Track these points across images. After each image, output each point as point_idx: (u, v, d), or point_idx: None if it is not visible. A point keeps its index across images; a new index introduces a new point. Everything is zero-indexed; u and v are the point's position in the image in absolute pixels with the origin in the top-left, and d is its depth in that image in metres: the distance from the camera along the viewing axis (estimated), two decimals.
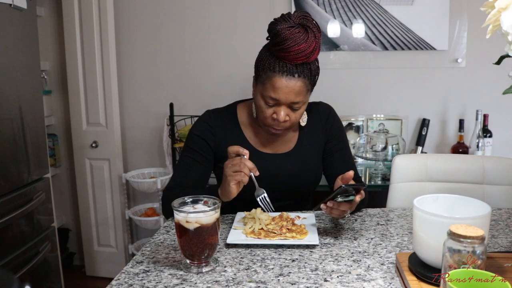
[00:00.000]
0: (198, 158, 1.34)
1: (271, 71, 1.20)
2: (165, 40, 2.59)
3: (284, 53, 1.17)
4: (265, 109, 1.24)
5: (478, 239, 0.71)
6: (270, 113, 1.24)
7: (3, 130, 1.70)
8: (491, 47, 1.92)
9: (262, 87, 1.23)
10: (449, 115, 2.47)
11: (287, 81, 1.19)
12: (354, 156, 2.35)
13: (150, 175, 2.64)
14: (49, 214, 2.01)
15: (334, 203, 1.10)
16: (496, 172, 1.49)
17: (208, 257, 0.98)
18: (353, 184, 1.09)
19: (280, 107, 1.23)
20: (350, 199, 1.10)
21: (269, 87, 1.21)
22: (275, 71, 1.19)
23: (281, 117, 1.22)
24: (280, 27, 1.16)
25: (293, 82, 1.19)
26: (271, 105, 1.23)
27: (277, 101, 1.21)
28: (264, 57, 1.23)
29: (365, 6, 2.40)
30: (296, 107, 1.24)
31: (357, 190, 1.10)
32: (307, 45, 1.16)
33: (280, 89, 1.19)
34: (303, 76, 1.20)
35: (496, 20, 0.81)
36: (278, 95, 1.20)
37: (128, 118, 2.70)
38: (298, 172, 1.37)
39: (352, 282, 0.90)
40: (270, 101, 1.22)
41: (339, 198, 1.09)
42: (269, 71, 1.20)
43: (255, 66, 1.28)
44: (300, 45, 1.15)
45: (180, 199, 1.01)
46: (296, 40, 1.15)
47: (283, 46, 1.16)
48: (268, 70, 1.21)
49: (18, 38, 1.80)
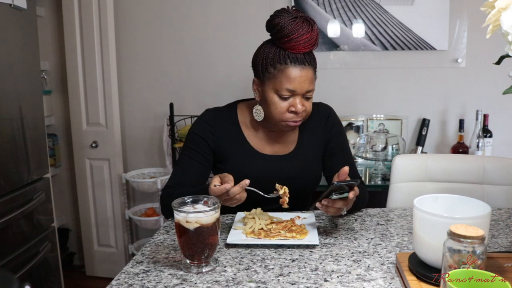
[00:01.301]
0: (197, 157, 1.34)
1: (282, 64, 1.22)
2: (165, 40, 2.59)
3: (293, 43, 1.20)
4: (280, 104, 1.25)
5: (478, 239, 0.71)
6: (286, 107, 1.25)
7: (3, 130, 1.70)
8: (491, 47, 1.92)
9: (274, 82, 1.24)
10: (449, 115, 2.47)
11: (301, 70, 1.22)
12: (354, 156, 2.35)
13: (150, 175, 2.64)
14: (49, 214, 2.01)
15: (329, 200, 1.10)
16: (496, 172, 1.49)
17: (208, 257, 0.98)
18: (345, 181, 1.09)
19: (296, 98, 1.24)
20: (345, 196, 1.09)
21: (283, 80, 1.22)
22: (287, 62, 1.21)
23: (299, 108, 1.24)
24: (284, 20, 1.19)
25: (306, 71, 1.22)
26: (287, 97, 1.24)
27: (293, 92, 1.23)
28: (269, 53, 1.24)
29: (365, 6, 2.40)
30: (309, 95, 1.26)
31: (350, 187, 1.09)
32: (313, 34, 1.21)
33: (296, 79, 1.21)
34: (312, 64, 1.25)
35: (496, 20, 0.81)
36: (294, 86, 1.22)
37: (128, 118, 2.70)
38: (297, 174, 1.36)
39: (352, 282, 0.90)
40: (286, 93, 1.23)
41: (333, 195, 1.09)
42: (279, 64, 1.22)
43: (258, 65, 1.27)
44: (307, 34, 1.20)
45: (180, 199, 1.00)
46: (303, 30, 1.19)
47: (292, 36, 1.19)
48: (278, 64, 1.22)
49: (18, 38, 1.80)
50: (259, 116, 1.32)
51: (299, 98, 1.24)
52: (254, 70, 1.31)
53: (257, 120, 1.33)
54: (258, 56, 1.28)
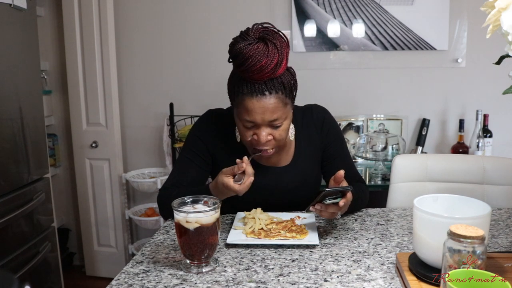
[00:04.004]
0: (196, 159, 1.33)
1: (240, 93, 1.15)
2: (165, 40, 2.59)
3: (247, 73, 1.11)
4: (245, 132, 1.20)
5: (478, 239, 0.71)
6: (251, 135, 1.20)
7: (3, 130, 1.70)
8: (491, 47, 1.92)
9: (237, 111, 1.20)
10: (449, 115, 2.47)
11: (258, 101, 1.13)
12: (354, 156, 2.36)
13: (150, 175, 2.64)
14: (49, 214, 2.01)
15: (322, 205, 1.09)
16: (496, 172, 1.49)
17: (208, 257, 0.98)
18: (338, 187, 1.08)
19: (260, 128, 1.18)
20: (338, 201, 1.09)
21: (242, 110, 1.16)
22: (244, 93, 1.14)
23: (262, 138, 1.17)
24: (238, 46, 1.11)
25: (264, 101, 1.13)
26: (250, 127, 1.19)
27: (254, 123, 1.17)
28: (232, 81, 1.19)
29: (365, 6, 2.40)
30: (277, 124, 1.18)
31: (343, 192, 1.09)
32: (268, 60, 1.10)
33: (253, 110, 1.14)
34: (275, 92, 1.14)
35: (496, 20, 0.81)
36: (252, 117, 1.15)
37: (128, 118, 2.70)
38: (297, 185, 1.35)
39: (352, 282, 0.90)
40: (248, 124, 1.18)
41: (327, 200, 1.09)
42: (239, 94, 1.16)
43: (228, 91, 1.23)
44: (261, 62, 1.09)
45: (180, 199, 1.00)
46: (257, 57, 1.09)
47: (245, 66, 1.10)
48: (238, 93, 1.16)
49: (18, 38, 1.80)
50: (238, 138, 1.30)
51: (263, 128, 1.17)
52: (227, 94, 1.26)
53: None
54: (228, 83, 1.23)
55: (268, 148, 1.22)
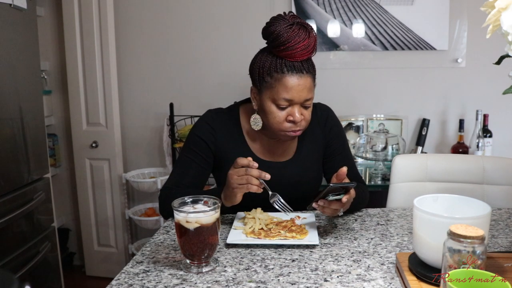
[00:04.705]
0: (197, 159, 1.33)
1: (279, 72, 1.19)
2: (165, 40, 2.59)
3: (290, 51, 1.17)
4: (278, 113, 1.22)
5: (478, 239, 0.71)
6: (284, 117, 1.22)
7: (3, 130, 1.70)
8: (491, 47, 1.92)
9: (271, 91, 1.21)
10: (449, 115, 2.47)
11: (299, 79, 1.19)
12: (354, 156, 2.35)
13: (150, 175, 2.64)
14: (49, 214, 2.01)
15: (325, 202, 1.09)
16: (496, 172, 1.49)
17: (208, 257, 0.98)
18: (341, 183, 1.08)
19: (294, 107, 1.21)
20: (341, 197, 1.09)
21: (281, 89, 1.19)
22: (284, 71, 1.19)
23: (297, 117, 1.21)
24: (279, 27, 1.16)
25: (303, 79, 1.20)
26: (284, 107, 1.21)
27: (291, 101, 1.20)
28: (265, 62, 1.22)
29: (365, 6, 2.40)
30: (308, 104, 1.23)
31: (347, 189, 1.09)
32: (310, 41, 1.18)
33: (293, 88, 1.19)
34: (310, 72, 1.22)
35: (496, 20, 0.81)
36: (292, 95, 1.19)
37: (128, 118, 2.70)
38: (298, 180, 1.35)
39: (352, 282, 0.90)
40: (284, 103, 1.20)
41: (330, 196, 1.09)
42: (276, 73, 1.19)
43: (255, 74, 1.25)
44: (304, 41, 1.17)
45: (180, 199, 1.00)
46: (301, 36, 1.16)
47: (288, 45, 1.16)
48: (275, 73, 1.19)
49: (18, 38, 1.80)
50: (256, 126, 1.29)
51: (297, 108, 1.21)
52: (252, 79, 1.28)
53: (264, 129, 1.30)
54: (254, 65, 1.25)
55: (301, 129, 1.25)
